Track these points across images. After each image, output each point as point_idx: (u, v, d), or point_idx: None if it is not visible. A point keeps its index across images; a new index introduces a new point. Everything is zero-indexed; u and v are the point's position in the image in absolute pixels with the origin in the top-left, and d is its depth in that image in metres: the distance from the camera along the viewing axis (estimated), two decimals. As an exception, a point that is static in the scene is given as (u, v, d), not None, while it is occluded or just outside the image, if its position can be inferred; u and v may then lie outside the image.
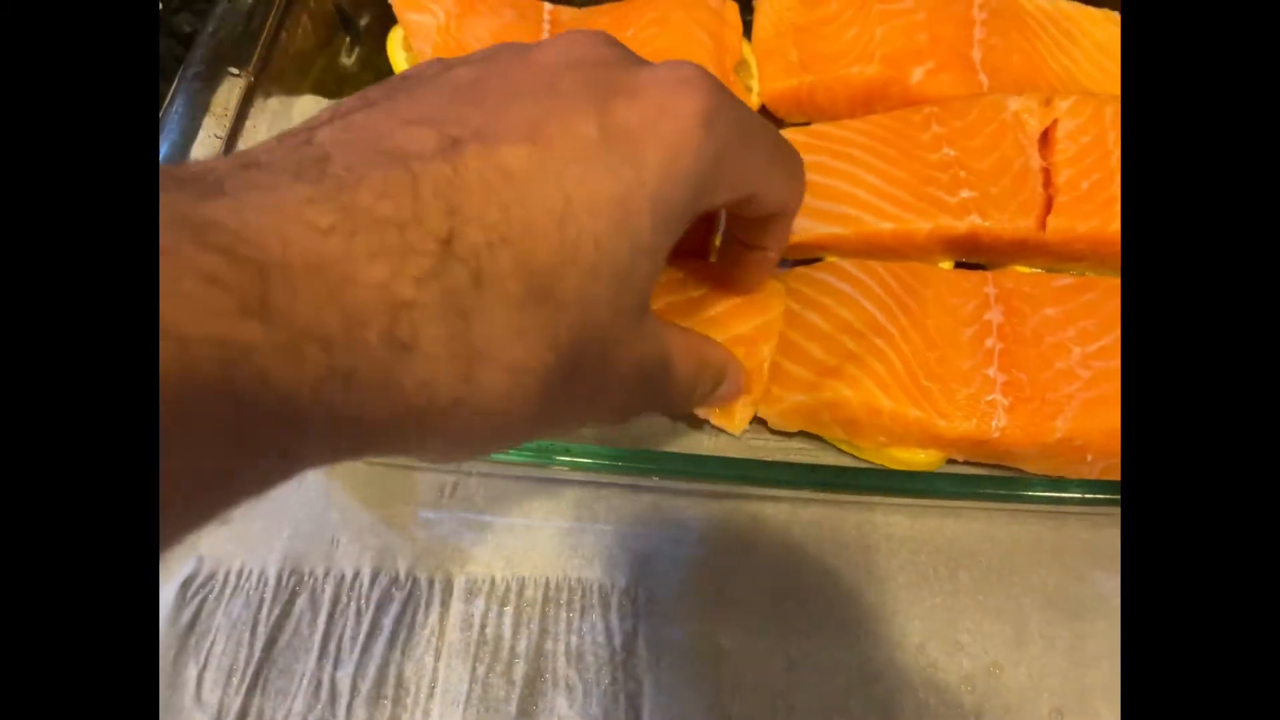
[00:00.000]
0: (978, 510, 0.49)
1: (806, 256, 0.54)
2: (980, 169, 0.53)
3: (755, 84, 0.61)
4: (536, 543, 0.48)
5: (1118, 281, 0.50)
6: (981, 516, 0.49)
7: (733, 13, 0.63)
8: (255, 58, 0.55)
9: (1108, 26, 0.62)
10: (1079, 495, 0.42)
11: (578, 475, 0.48)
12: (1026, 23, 0.61)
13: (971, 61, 0.58)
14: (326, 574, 0.48)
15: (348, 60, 0.65)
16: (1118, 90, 0.59)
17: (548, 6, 0.64)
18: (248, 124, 0.53)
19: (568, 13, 0.64)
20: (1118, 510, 0.44)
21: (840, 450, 0.50)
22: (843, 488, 0.42)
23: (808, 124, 0.59)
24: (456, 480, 0.50)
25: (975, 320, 0.49)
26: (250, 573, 0.48)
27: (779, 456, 0.50)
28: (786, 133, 0.58)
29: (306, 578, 0.47)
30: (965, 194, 0.52)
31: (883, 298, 0.49)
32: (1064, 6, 0.62)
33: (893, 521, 0.49)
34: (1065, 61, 0.60)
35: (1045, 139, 0.53)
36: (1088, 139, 0.52)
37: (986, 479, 0.45)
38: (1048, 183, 0.53)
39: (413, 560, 0.48)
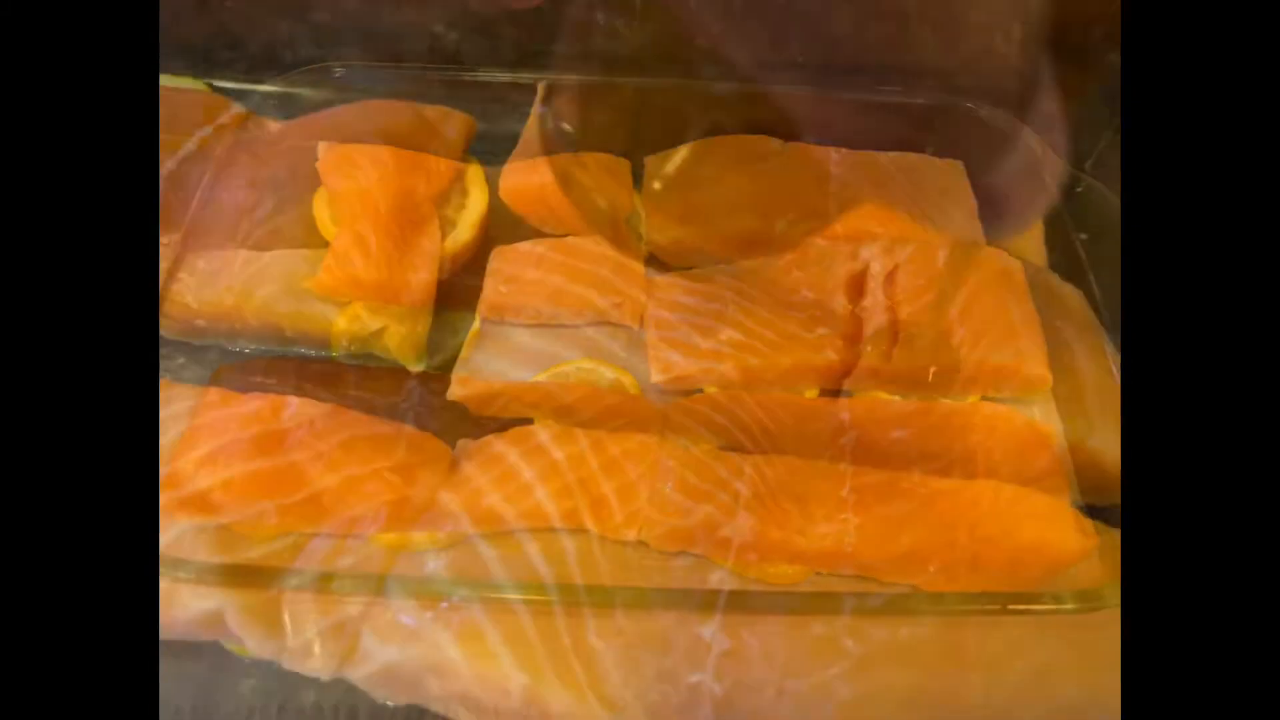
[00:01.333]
0: (845, 615, 0.54)
1: (687, 389, 0.61)
2: (834, 308, 0.60)
3: (644, 232, 0.69)
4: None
5: (955, 405, 0.58)
6: (850, 621, 0.54)
7: (625, 170, 0.71)
8: (186, 222, 0.61)
9: (950, 173, 0.72)
10: (926, 608, 0.48)
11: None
12: (878, 175, 0.70)
13: (827, 212, 0.66)
14: None
15: (278, 218, 0.71)
16: (959, 232, 0.68)
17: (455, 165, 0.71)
18: (176, 285, 0.58)
19: (474, 170, 0.72)
20: (967, 614, 0.50)
21: (720, 565, 0.55)
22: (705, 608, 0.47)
23: (690, 269, 0.66)
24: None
25: (831, 445, 0.55)
26: None
27: (664, 574, 0.54)
28: (671, 276, 0.65)
29: None
30: (822, 331, 0.59)
31: (750, 427, 0.55)
32: (911, 158, 0.72)
33: (769, 630, 0.53)
34: (912, 208, 0.68)
35: (889, 281, 0.61)
36: (922, 281, 0.60)
37: (822, 595, 0.51)
38: (892, 319, 0.60)
39: None
